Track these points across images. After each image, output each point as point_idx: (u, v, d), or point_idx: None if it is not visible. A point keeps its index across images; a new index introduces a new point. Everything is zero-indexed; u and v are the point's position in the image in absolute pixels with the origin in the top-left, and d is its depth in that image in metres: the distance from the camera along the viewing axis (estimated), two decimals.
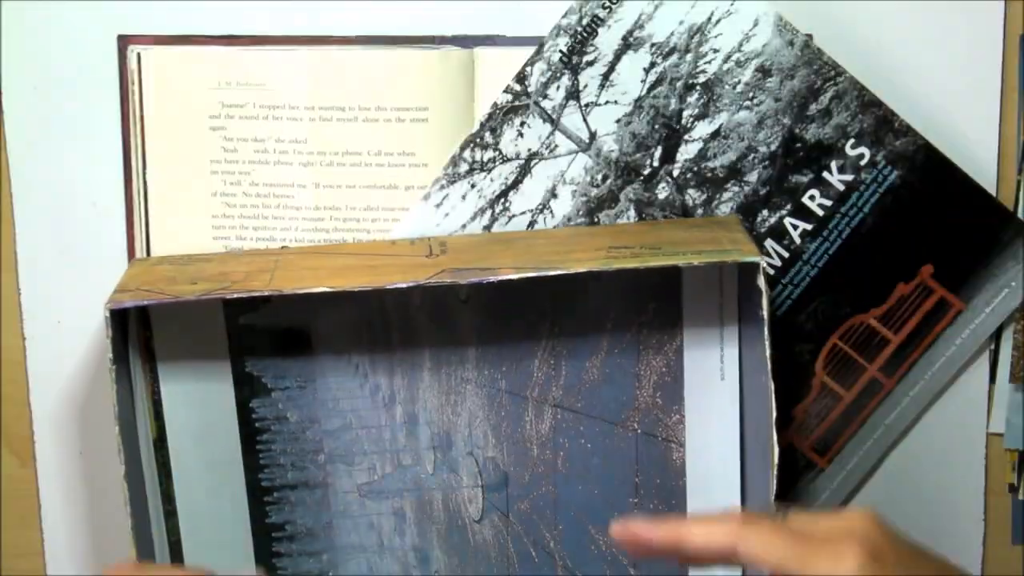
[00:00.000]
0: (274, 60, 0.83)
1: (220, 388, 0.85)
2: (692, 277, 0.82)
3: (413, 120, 0.83)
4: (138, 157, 0.84)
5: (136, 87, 0.83)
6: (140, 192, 0.85)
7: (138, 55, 0.83)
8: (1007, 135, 0.84)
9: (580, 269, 0.75)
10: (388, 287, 0.75)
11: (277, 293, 0.75)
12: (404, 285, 0.75)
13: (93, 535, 0.89)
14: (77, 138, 0.84)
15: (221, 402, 0.85)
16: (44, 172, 0.85)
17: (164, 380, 0.83)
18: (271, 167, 0.84)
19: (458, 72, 0.83)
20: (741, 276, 0.80)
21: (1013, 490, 0.87)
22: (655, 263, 0.75)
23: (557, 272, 0.75)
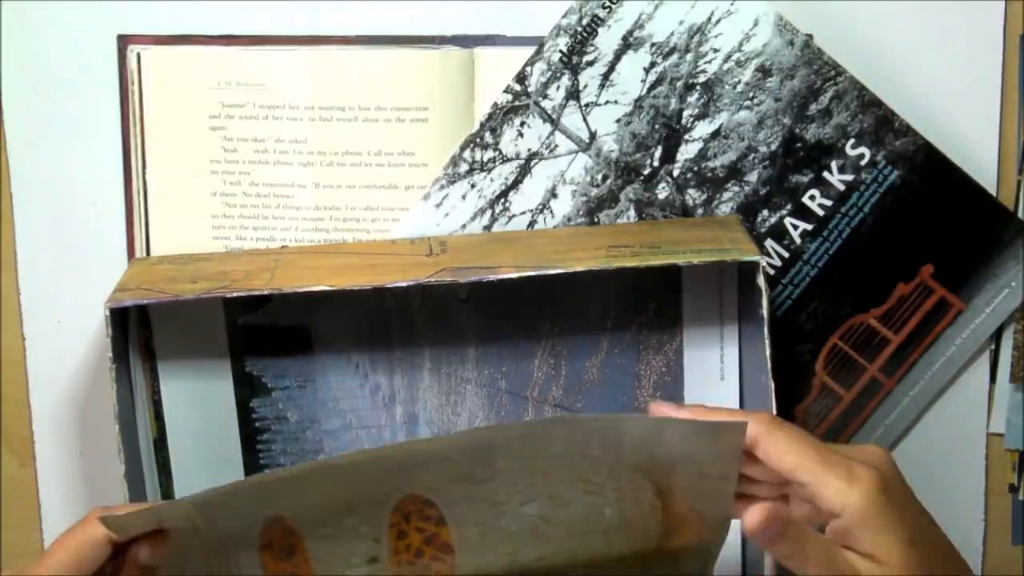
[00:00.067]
0: (274, 60, 0.83)
1: (220, 388, 0.84)
2: (692, 277, 0.81)
3: (413, 120, 0.83)
4: (138, 157, 0.84)
5: (136, 87, 0.83)
6: (140, 192, 0.84)
7: (138, 55, 0.83)
8: (1007, 135, 0.84)
9: (580, 269, 0.75)
10: (388, 286, 0.75)
11: (277, 292, 0.75)
12: (404, 284, 0.75)
13: None
14: (77, 138, 0.84)
15: (221, 402, 0.85)
16: (44, 172, 0.85)
17: (164, 380, 0.83)
18: (271, 167, 0.84)
19: (458, 72, 0.83)
20: (741, 276, 0.80)
21: (1013, 490, 0.87)
22: (655, 263, 0.75)
23: (557, 271, 0.75)
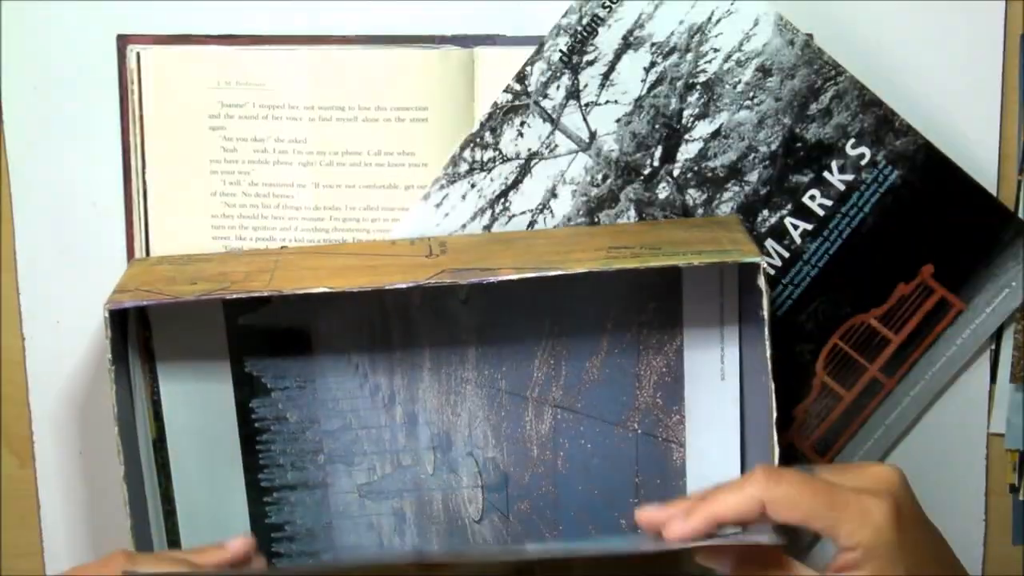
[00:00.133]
0: (274, 60, 0.83)
1: (220, 388, 0.84)
2: (692, 277, 0.81)
3: (413, 120, 0.83)
4: (137, 157, 0.84)
5: (136, 87, 0.83)
6: (140, 192, 0.84)
7: (137, 55, 0.83)
8: (1007, 135, 0.84)
9: (580, 269, 0.75)
10: (388, 287, 0.75)
11: (277, 293, 0.75)
12: (404, 285, 0.75)
13: (93, 535, 0.89)
14: (77, 138, 0.84)
15: (221, 402, 0.85)
16: (44, 172, 0.85)
17: (163, 380, 0.83)
18: (271, 167, 0.84)
19: (458, 72, 0.83)
20: (741, 276, 0.80)
21: (1014, 490, 0.87)
22: (655, 263, 0.75)
23: (557, 272, 0.75)
